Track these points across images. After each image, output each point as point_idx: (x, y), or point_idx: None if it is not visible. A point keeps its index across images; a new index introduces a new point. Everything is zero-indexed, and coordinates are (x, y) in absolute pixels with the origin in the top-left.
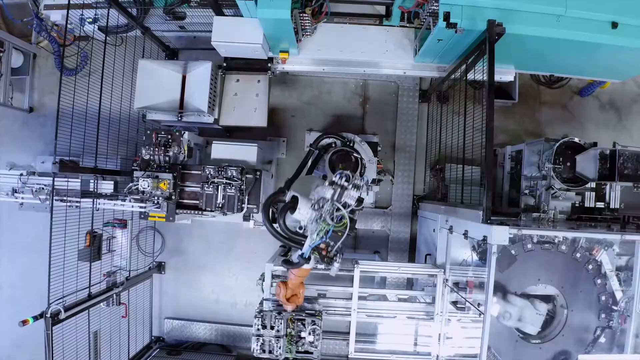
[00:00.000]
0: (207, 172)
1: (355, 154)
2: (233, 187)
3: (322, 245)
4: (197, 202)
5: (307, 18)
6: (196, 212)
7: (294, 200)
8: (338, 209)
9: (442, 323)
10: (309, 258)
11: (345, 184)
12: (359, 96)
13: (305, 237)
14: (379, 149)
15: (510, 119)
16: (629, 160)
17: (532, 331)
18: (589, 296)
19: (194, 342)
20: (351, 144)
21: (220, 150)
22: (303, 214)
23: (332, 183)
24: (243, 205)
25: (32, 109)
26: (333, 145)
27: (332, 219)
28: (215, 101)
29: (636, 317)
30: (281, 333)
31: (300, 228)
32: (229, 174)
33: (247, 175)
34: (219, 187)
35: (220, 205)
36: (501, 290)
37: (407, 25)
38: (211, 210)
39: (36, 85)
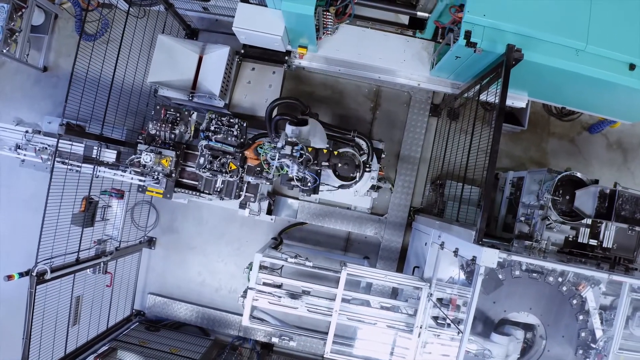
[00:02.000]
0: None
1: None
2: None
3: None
4: (196, 183)
5: (330, 17)
6: (194, 193)
7: (303, 121)
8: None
9: (421, 336)
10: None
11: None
12: (370, 101)
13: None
14: (383, 156)
15: (516, 145)
16: (627, 202)
17: (510, 359)
18: (569, 331)
19: (173, 321)
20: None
21: None
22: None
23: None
24: (241, 192)
25: (46, 69)
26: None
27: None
28: (228, 86)
29: (613, 358)
30: None
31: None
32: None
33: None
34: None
35: (218, 190)
36: (482, 320)
37: (439, 40)
38: (209, 194)
39: (53, 45)
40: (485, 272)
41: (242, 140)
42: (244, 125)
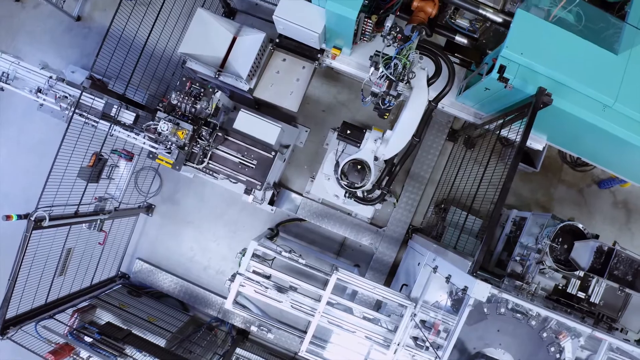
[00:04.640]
0: None
1: None
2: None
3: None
4: None
5: (370, 24)
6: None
7: None
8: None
9: (397, 353)
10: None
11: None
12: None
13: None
14: None
15: (525, 185)
16: (622, 263)
17: None
18: None
19: (156, 290)
20: None
21: (245, 119)
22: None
23: None
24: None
25: (80, 18)
26: None
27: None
28: (256, 72)
29: None
30: None
31: None
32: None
33: (262, 152)
34: None
35: None
36: (459, 349)
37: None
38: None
39: None
40: (473, 303)
41: None
42: None
